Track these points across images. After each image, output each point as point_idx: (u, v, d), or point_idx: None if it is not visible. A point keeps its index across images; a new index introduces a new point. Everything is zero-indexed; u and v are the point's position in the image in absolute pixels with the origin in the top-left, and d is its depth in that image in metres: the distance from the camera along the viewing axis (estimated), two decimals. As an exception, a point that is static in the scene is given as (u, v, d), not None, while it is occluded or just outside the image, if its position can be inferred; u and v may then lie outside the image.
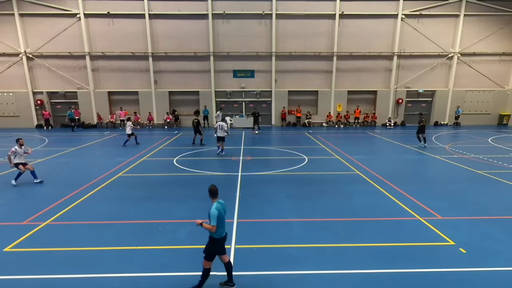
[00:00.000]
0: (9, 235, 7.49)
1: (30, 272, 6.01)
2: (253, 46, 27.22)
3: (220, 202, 5.50)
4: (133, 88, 28.06)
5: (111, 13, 26.23)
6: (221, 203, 5.51)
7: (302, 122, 28.81)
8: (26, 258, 6.57)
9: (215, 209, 5.26)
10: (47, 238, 7.43)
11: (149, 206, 9.51)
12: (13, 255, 6.65)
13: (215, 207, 5.29)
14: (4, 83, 27.47)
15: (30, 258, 6.57)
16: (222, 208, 5.44)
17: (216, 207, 5.33)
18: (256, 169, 13.57)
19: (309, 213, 8.85)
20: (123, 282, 5.79)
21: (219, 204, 5.45)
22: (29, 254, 6.70)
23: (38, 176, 11.81)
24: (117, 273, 6.03)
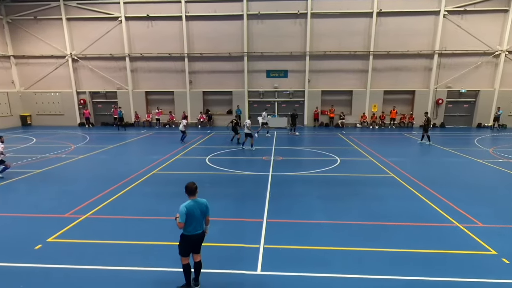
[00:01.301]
0: (53, 226, 7.97)
1: (69, 262, 6.36)
2: (286, 46, 27.13)
3: (196, 201, 5.37)
4: (169, 88, 28.91)
5: (150, 16, 27.19)
6: (198, 202, 5.38)
7: (335, 122, 28.32)
8: (66, 248, 6.96)
9: (184, 206, 5.21)
10: (86, 231, 7.83)
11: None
12: (55, 245, 7.08)
13: (185, 205, 5.24)
14: (52, 83, 29.38)
15: (70, 248, 6.95)
16: (195, 207, 5.30)
17: (186, 204, 5.26)
18: (287, 169, 13.52)
19: (339, 215, 8.70)
20: (156, 276, 5.98)
21: (194, 202, 5.33)
22: (69, 245, 7.09)
23: None
24: (150, 267, 6.23)
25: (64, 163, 14.66)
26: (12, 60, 29.02)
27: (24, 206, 9.38)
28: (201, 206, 5.38)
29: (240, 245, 7.06)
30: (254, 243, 7.10)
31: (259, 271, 6.08)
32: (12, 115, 28.87)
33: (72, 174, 13.08)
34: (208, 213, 5.54)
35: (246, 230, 7.86)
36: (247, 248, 6.94)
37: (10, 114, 28.71)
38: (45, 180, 12.16)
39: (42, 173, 13.02)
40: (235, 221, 8.37)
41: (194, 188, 5.34)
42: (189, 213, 5.22)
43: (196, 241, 5.45)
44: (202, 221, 5.47)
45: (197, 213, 5.30)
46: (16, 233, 7.69)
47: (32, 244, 7.04)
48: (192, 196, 5.35)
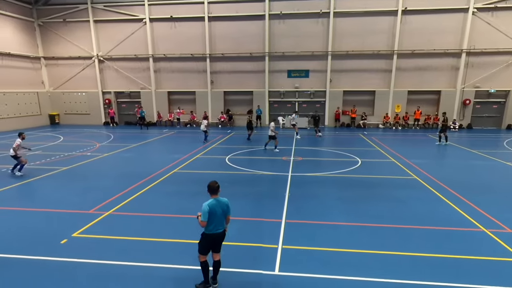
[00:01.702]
0: (78, 221, 8.24)
1: (92, 257, 6.54)
2: (308, 45, 26.93)
3: (218, 199, 5.41)
4: (190, 88, 29.31)
5: (174, 17, 27.65)
6: (219, 201, 5.42)
7: (356, 123, 27.87)
8: (90, 243, 7.17)
9: (207, 205, 5.25)
10: (109, 227, 8.05)
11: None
12: (80, 240, 7.30)
13: (208, 203, 5.27)
14: (79, 84, 30.41)
15: (93, 244, 7.16)
16: (217, 206, 5.34)
17: (209, 203, 5.29)
18: (307, 170, 13.41)
19: (359, 218, 8.54)
20: (177, 273, 6.06)
21: (216, 201, 5.37)
22: (92, 240, 7.31)
23: None
24: (170, 264, 6.33)
25: (89, 161, 15.13)
26: (42, 61, 30.26)
27: (51, 202, 9.73)
28: (222, 205, 5.41)
29: (258, 245, 7.06)
30: (272, 243, 7.08)
31: (277, 272, 6.05)
32: (41, 114, 30.07)
33: (97, 171, 13.47)
34: (229, 213, 5.57)
35: (265, 230, 7.85)
36: (265, 248, 6.93)
37: (39, 113, 29.91)
38: (71, 177, 12.58)
39: (69, 170, 13.48)
40: (253, 221, 8.38)
41: (216, 187, 5.38)
42: (211, 211, 5.26)
43: (217, 239, 5.48)
44: (223, 220, 5.49)
45: (218, 212, 5.34)
46: (44, 228, 8.00)
47: (58, 238, 7.29)
48: (214, 195, 5.39)
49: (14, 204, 9.62)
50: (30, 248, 6.87)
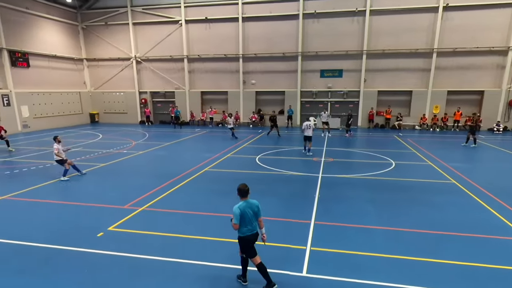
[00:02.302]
0: (113, 216, 8.59)
1: (126, 250, 6.79)
2: (342, 44, 26.43)
3: (248, 202, 5.40)
4: (223, 88, 29.71)
5: (208, 18, 28.15)
6: (249, 203, 5.41)
7: (391, 124, 26.97)
8: (124, 237, 7.45)
9: (237, 207, 5.27)
10: (142, 222, 8.33)
11: (230, 200, 9.84)
12: (115, 234, 7.61)
13: (238, 206, 5.29)
14: (117, 84, 31.79)
15: (127, 238, 7.43)
16: (248, 207, 5.35)
17: (239, 205, 5.31)
18: (338, 171, 13.16)
19: (391, 222, 8.25)
20: (208, 270, 6.14)
21: (246, 203, 5.38)
22: (127, 234, 7.59)
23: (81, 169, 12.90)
24: (203, 261, 6.41)
25: (125, 158, 15.75)
26: (85, 62, 31.93)
27: (89, 197, 10.22)
28: (252, 207, 5.43)
29: (287, 245, 7.02)
30: (301, 245, 7.01)
31: (304, 273, 5.98)
32: (82, 112, 31.74)
33: (132, 168, 13.99)
34: (260, 214, 5.56)
35: (293, 230, 7.79)
36: (293, 249, 6.88)
37: (81, 112, 31.58)
38: (108, 173, 13.16)
39: (106, 167, 14.10)
40: (282, 221, 8.34)
41: (246, 190, 5.39)
42: (242, 214, 5.31)
43: (254, 241, 5.49)
44: (255, 222, 5.51)
45: (249, 214, 5.37)
46: (82, 221, 8.42)
47: (95, 231, 7.64)
48: (244, 197, 5.42)
49: (57, 197, 10.20)
50: (70, 240, 7.24)
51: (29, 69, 25.95)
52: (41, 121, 26.96)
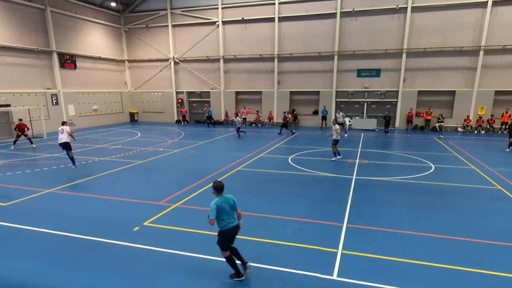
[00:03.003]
0: (149, 211, 8.89)
1: (160, 245, 6.99)
2: (381, 43, 25.62)
3: (223, 196, 5.63)
4: (257, 88, 29.85)
5: (245, 19, 28.41)
6: (225, 197, 5.64)
7: (431, 125, 25.74)
8: (158, 232, 7.69)
9: (214, 203, 5.48)
10: (175, 218, 8.55)
11: (262, 200, 9.99)
12: (150, 229, 7.88)
13: (214, 202, 5.50)
14: (155, 84, 32.97)
15: (161, 233, 7.66)
16: (224, 202, 5.57)
17: (215, 201, 5.52)
18: (373, 173, 12.76)
19: (428, 227, 7.86)
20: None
21: (222, 198, 5.60)
22: (161, 230, 7.83)
23: None
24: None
25: (161, 156, 16.26)
26: (126, 64, 33.39)
27: (127, 192, 10.65)
28: (228, 201, 5.66)
29: (317, 247, 6.91)
30: (332, 247, 6.88)
31: (335, 277, 5.86)
32: (123, 112, 33.21)
33: (167, 166, 14.42)
34: (237, 207, 5.78)
35: (324, 233, 7.66)
36: (324, 251, 6.77)
37: (122, 111, 33.06)
38: (144, 170, 13.65)
39: (143, 164, 14.64)
40: (313, 223, 8.23)
41: (221, 187, 5.66)
42: (219, 208, 5.51)
43: (234, 233, 5.74)
44: (234, 215, 5.75)
45: (226, 207, 5.59)
46: (120, 215, 8.80)
47: (132, 225, 7.95)
48: (219, 193, 5.64)
49: (97, 192, 10.72)
50: (109, 233, 7.58)
51: (75, 70, 27.54)
52: (85, 120, 28.53)
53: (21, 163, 14.95)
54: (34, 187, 11.05)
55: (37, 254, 6.73)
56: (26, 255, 6.68)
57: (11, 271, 6.11)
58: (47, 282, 5.77)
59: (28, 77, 23.82)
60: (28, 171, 13.30)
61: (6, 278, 5.89)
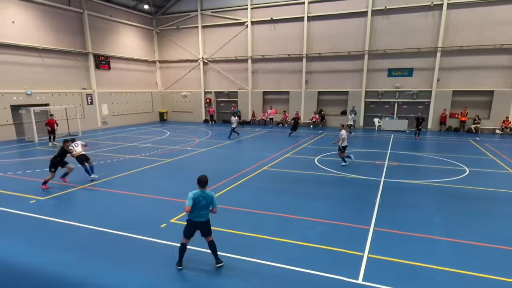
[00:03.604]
0: (176, 209, 9.01)
1: (186, 242, 7.13)
2: (414, 41, 24.80)
3: (204, 192, 5.83)
4: (284, 88, 29.75)
5: (274, 19, 28.41)
6: (205, 193, 5.84)
7: (467, 127, 24.58)
8: (184, 229, 7.84)
9: (192, 193, 5.75)
10: (200, 216, 8.68)
11: (287, 200, 9.94)
12: (176, 226, 7.99)
13: (193, 192, 5.77)
14: (184, 84, 33.67)
15: (186, 230, 7.80)
16: (202, 197, 5.79)
17: (194, 192, 5.78)
18: (402, 176, 12.37)
19: (460, 233, 7.51)
20: (257, 267, 6.19)
21: (201, 192, 5.82)
22: (186, 227, 7.98)
23: None
24: (254, 258, 6.48)
25: (189, 155, 16.56)
26: (157, 64, 34.32)
27: (155, 189, 10.90)
28: (207, 197, 5.85)
29: (342, 250, 6.78)
30: (358, 251, 6.72)
31: (360, 281, 5.72)
32: (153, 111, 34.16)
33: (194, 165, 14.65)
34: (215, 205, 5.95)
35: (350, 235, 7.51)
36: (349, 254, 6.63)
37: (152, 110, 34.02)
38: (172, 168, 13.96)
39: (171, 162, 14.96)
40: (339, 225, 8.08)
41: (205, 181, 5.88)
42: (195, 201, 5.76)
43: (201, 226, 5.99)
44: (206, 211, 5.93)
45: (202, 203, 5.81)
46: (148, 212, 9.05)
47: (159, 222, 8.14)
48: (201, 187, 5.84)
49: (127, 189, 11.06)
50: (137, 228, 7.79)
51: (109, 71, 28.63)
52: (117, 119, 29.59)
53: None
54: (69, 182, 11.58)
55: (69, 246, 7.05)
56: (60, 247, 7.01)
57: (46, 262, 6.43)
58: (78, 273, 6.01)
59: (66, 78, 25.01)
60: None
61: (41, 268, 6.20)
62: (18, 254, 6.69)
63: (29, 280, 5.85)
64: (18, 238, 7.45)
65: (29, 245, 7.09)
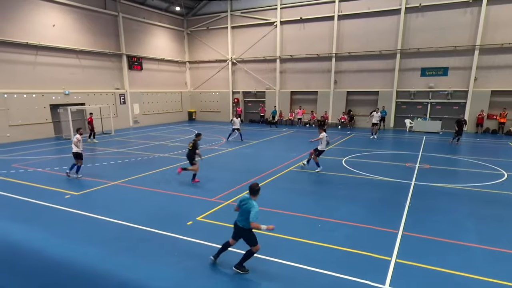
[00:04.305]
0: (202, 207, 9.21)
1: (211, 240, 7.16)
2: (450, 39, 23.79)
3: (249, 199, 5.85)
4: (312, 88, 29.44)
5: (303, 18, 28.21)
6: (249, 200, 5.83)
7: (506, 129, 23.22)
8: (210, 228, 7.92)
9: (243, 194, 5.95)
10: (226, 215, 8.64)
11: (313, 202, 9.84)
12: (202, 224, 8.15)
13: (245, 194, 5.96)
14: (213, 84, 34.14)
15: (213, 228, 7.88)
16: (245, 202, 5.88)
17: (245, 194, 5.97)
18: (434, 179, 11.87)
19: (496, 241, 7.11)
20: (281, 268, 6.16)
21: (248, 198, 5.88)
22: (213, 226, 8.06)
23: None
24: (277, 258, 6.45)
25: (216, 154, 16.78)
26: (187, 65, 35.01)
27: (183, 187, 11.14)
28: (248, 205, 5.74)
29: (369, 254, 6.61)
30: (385, 255, 6.53)
31: (387, 286, 5.55)
32: (182, 111, 34.87)
33: (221, 164, 14.84)
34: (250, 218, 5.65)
35: (378, 239, 7.31)
36: (376, 258, 6.45)
37: (181, 110, 34.73)
38: (200, 167, 14.12)
39: (198, 161, 15.16)
40: (366, 228, 7.89)
41: (254, 189, 5.89)
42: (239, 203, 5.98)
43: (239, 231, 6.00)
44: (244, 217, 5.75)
45: (243, 208, 5.83)
46: (175, 209, 9.25)
47: (185, 219, 8.29)
48: (250, 194, 5.89)
49: (155, 186, 11.35)
50: (164, 225, 7.99)
51: (141, 71, 29.52)
52: (148, 118, 30.47)
53: (92, 156, 16.42)
54: (101, 178, 12.07)
55: (99, 239, 7.33)
56: (89, 240, 7.31)
57: (76, 253, 6.73)
58: (106, 266, 6.24)
59: (100, 78, 26.06)
60: (97, 164, 14.57)
61: (71, 259, 6.49)
62: (51, 246, 7.03)
63: (62, 270, 6.14)
64: (52, 231, 7.84)
65: (61, 238, 7.45)
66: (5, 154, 16.71)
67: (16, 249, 6.94)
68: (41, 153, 17.09)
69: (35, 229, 7.90)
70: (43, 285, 5.71)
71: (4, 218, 8.62)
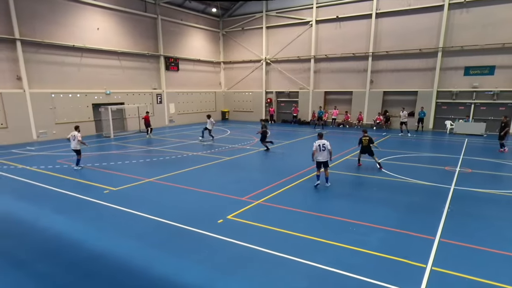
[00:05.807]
0: (233, 206, 9.29)
1: (241, 239, 7.23)
2: (497, 36, 22.35)
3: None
4: (347, 88, 28.81)
5: (340, 17, 27.72)
6: None
7: None
8: (240, 227, 7.99)
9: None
10: (256, 215, 8.78)
11: (346, 204, 9.63)
12: (233, 223, 8.23)
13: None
14: (246, 84, 34.39)
15: (243, 227, 7.94)
16: None
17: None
18: (476, 184, 11.22)
19: (549, 254, 6.60)
20: (311, 270, 6.08)
21: None
22: (242, 224, 8.11)
23: None
24: (306, 260, 6.38)
25: (247, 154, 16.88)
26: (221, 65, 35.52)
27: (214, 186, 11.28)
28: None
29: (403, 260, 6.36)
30: (420, 262, 6.26)
31: (421, 294, 5.35)
32: (216, 110, 35.41)
33: (252, 164, 14.92)
34: None
35: (412, 245, 7.01)
36: (410, 265, 6.19)
37: (215, 109, 35.28)
38: (231, 166, 14.32)
39: (230, 160, 15.37)
40: (400, 233, 7.60)
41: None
42: None
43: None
44: None
45: None
46: (207, 207, 9.39)
47: (216, 217, 8.41)
48: None
49: (188, 183, 11.59)
50: (195, 222, 8.15)
51: (178, 72, 30.34)
52: (183, 117, 31.26)
53: (129, 154, 17.11)
54: (137, 175, 12.53)
55: (133, 234, 7.62)
56: (124, 234, 7.62)
57: (111, 246, 7.04)
58: (140, 260, 6.47)
59: (139, 79, 27.09)
60: (134, 161, 15.15)
61: (106, 252, 6.81)
62: (91, 239, 7.40)
63: (100, 262, 6.45)
64: (92, 223, 8.26)
65: (100, 231, 7.83)
66: (51, 150, 17.84)
67: (59, 240, 7.37)
68: (83, 150, 18.02)
69: (76, 222, 8.36)
70: (85, 275, 6.01)
71: (49, 209, 9.22)
